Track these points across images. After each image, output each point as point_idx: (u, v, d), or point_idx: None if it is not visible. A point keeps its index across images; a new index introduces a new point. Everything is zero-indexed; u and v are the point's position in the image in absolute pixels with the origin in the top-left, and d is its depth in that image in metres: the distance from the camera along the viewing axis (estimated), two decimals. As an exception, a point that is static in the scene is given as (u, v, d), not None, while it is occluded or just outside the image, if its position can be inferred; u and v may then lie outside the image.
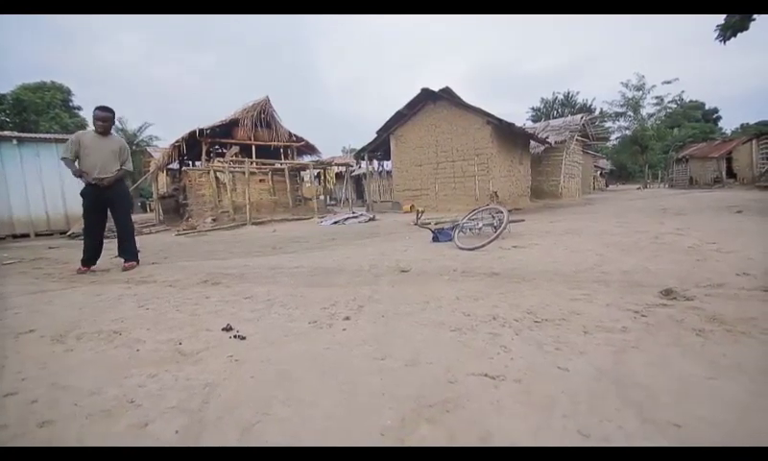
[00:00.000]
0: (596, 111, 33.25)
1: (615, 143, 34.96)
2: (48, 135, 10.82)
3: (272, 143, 14.90)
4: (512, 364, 1.39)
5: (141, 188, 23.05)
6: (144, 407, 1.21)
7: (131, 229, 4.04)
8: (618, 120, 32.09)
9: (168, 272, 3.65)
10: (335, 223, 9.64)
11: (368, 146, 14.71)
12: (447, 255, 3.81)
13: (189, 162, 16.46)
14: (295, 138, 15.64)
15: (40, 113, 25.55)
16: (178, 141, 13.25)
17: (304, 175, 16.30)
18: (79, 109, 30.60)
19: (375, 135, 14.02)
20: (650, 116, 31.84)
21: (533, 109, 43.85)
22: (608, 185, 35.83)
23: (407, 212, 12.08)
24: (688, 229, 4.65)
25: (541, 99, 43.82)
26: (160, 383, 1.36)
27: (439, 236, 4.84)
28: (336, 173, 24.42)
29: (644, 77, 29.97)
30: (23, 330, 2.01)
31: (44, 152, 9.36)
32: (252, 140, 14.32)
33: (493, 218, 4.83)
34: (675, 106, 32.84)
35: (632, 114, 31.45)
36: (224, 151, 14.71)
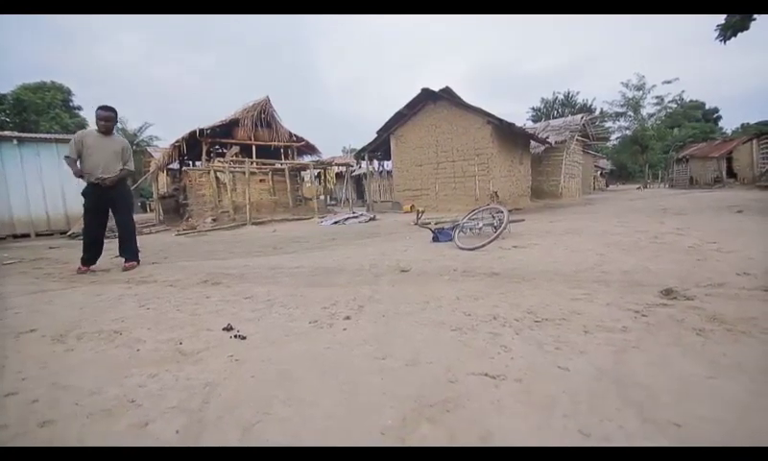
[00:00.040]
0: (596, 111, 33.26)
1: (616, 143, 34.95)
2: (48, 135, 10.84)
3: (272, 143, 14.90)
4: (512, 364, 1.39)
5: (141, 188, 23.09)
6: (144, 407, 1.21)
7: (132, 228, 4.04)
8: (618, 120, 32.09)
9: (168, 272, 3.65)
10: (335, 223, 9.64)
11: (368, 146, 14.71)
12: (448, 255, 3.81)
13: (189, 162, 16.46)
14: (295, 138, 15.64)
15: (41, 113, 25.56)
16: (178, 141, 13.26)
17: (305, 175, 16.30)
18: (79, 109, 30.65)
19: (375, 135, 14.02)
20: (650, 116, 31.84)
21: (533, 108, 43.88)
22: (608, 185, 35.81)
23: (407, 212, 12.08)
24: (689, 228, 4.65)
25: (542, 99, 43.85)
26: (161, 383, 1.37)
27: (439, 236, 4.84)
28: (336, 173, 24.42)
29: (644, 77, 29.97)
30: (24, 330, 2.01)
31: (44, 152, 9.37)
32: (253, 140, 14.33)
33: (494, 218, 4.83)
34: (675, 106, 32.83)
35: (632, 114, 31.44)
36: (224, 151, 14.71)
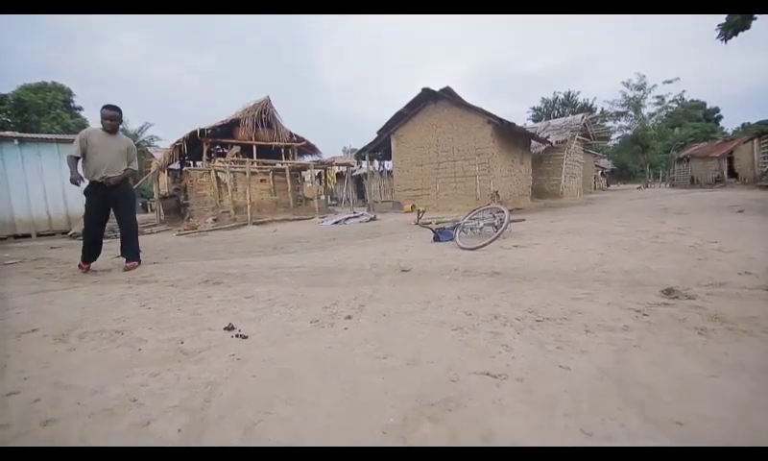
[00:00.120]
0: (597, 111, 33.20)
1: (616, 143, 34.88)
2: (49, 136, 10.85)
3: (273, 143, 14.90)
4: (513, 363, 1.39)
5: (142, 188, 23.08)
6: (146, 406, 1.21)
7: (134, 228, 4.03)
8: (619, 120, 31.99)
9: (169, 272, 3.65)
10: (336, 223, 9.64)
11: (368, 146, 14.72)
12: (448, 255, 3.81)
13: (190, 162, 16.47)
14: (296, 138, 15.64)
15: (42, 114, 25.58)
16: (179, 141, 13.26)
17: (305, 175, 16.32)
18: (80, 109, 30.64)
19: (376, 135, 14.02)
20: (651, 116, 31.74)
21: (533, 108, 43.79)
22: (609, 185, 35.76)
23: (408, 212, 12.08)
24: (690, 228, 4.64)
25: (542, 99, 43.78)
26: (162, 382, 1.37)
27: (440, 236, 4.83)
28: (337, 173, 24.43)
29: (645, 76, 29.88)
30: (25, 330, 2.01)
31: (45, 152, 9.38)
32: (253, 140, 14.33)
33: (494, 218, 4.83)
34: (676, 105, 32.66)
35: (633, 114, 31.35)
36: (225, 151, 14.72)
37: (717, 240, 3.64)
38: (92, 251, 3.84)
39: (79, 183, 3.71)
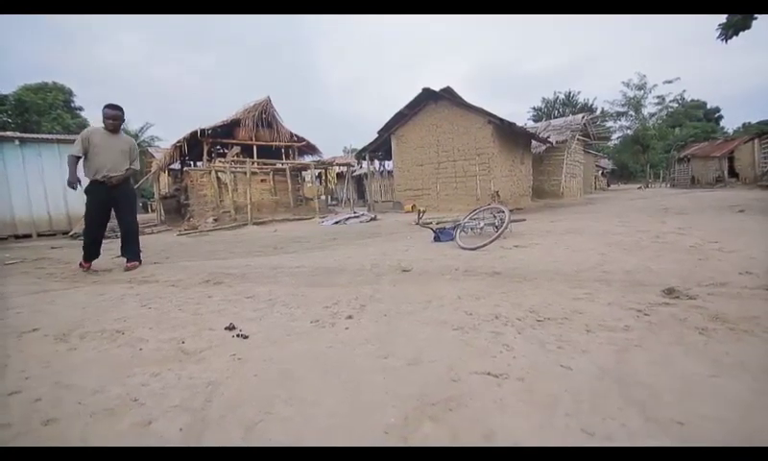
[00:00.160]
0: (597, 111, 33.19)
1: (617, 143, 34.86)
2: (50, 136, 10.86)
3: (273, 143, 14.91)
4: (514, 363, 1.39)
5: (143, 189, 23.10)
6: (147, 406, 1.21)
7: (135, 229, 4.03)
8: (620, 119, 31.98)
9: (170, 272, 3.65)
10: (336, 223, 9.64)
11: (369, 146, 14.72)
12: (449, 255, 3.81)
13: (191, 163, 16.48)
14: (296, 138, 15.64)
15: (42, 114, 25.59)
16: (179, 141, 13.27)
17: (306, 175, 16.32)
18: (80, 109, 30.64)
19: (376, 135, 14.02)
20: (651, 116, 31.72)
21: (534, 108, 43.80)
22: (609, 185, 35.75)
23: (408, 212, 12.08)
24: (690, 228, 4.64)
25: (543, 99, 43.80)
26: (163, 382, 1.37)
27: (440, 236, 4.83)
28: (337, 173, 24.43)
29: (646, 76, 29.88)
30: (26, 330, 2.02)
31: (46, 152, 9.39)
32: (254, 140, 14.33)
33: (495, 218, 4.83)
34: (676, 105, 32.64)
35: (633, 114, 31.34)
36: (225, 151, 14.73)
37: (718, 240, 3.64)
38: (93, 250, 3.84)
39: (75, 187, 3.69)
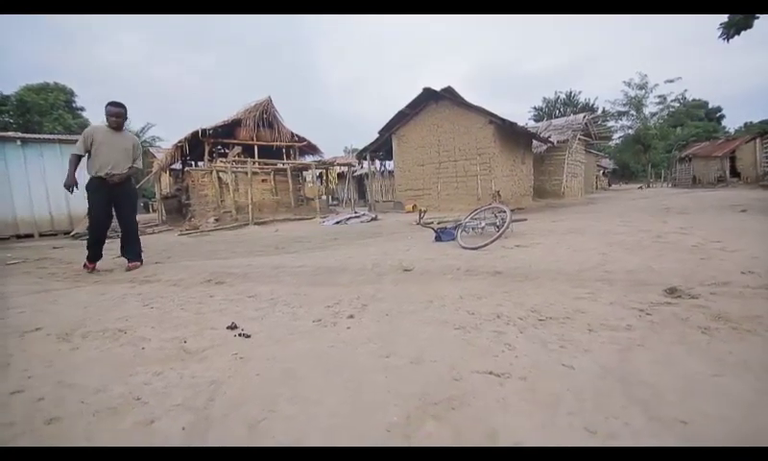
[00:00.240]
0: (599, 111, 33.16)
1: (618, 142, 34.84)
2: (52, 136, 10.88)
3: (274, 143, 14.91)
4: (516, 362, 1.39)
5: (144, 189, 23.14)
6: (150, 405, 1.21)
7: (135, 228, 4.03)
8: (621, 119, 31.99)
9: (172, 271, 3.66)
10: (337, 223, 9.65)
11: (370, 146, 14.72)
12: (450, 255, 3.81)
13: (192, 163, 16.50)
14: (297, 138, 15.64)
15: (44, 114, 25.63)
16: (180, 141, 13.28)
17: (307, 175, 16.32)
18: (82, 109, 30.66)
19: (376, 135, 14.02)
20: (653, 115, 31.71)
21: (535, 108, 43.75)
22: (611, 185, 35.69)
23: (409, 212, 12.08)
24: (692, 227, 4.63)
25: (544, 98, 43.74)
26: (166, 381, 1.37)
27: (441, 236, 4.83)
28: (338, 173, 24.44)
29: (647, 76, 29.86)
30: (29, 329, 2.02)
31: (48, 152, 9.41)
32: (255, 140, 14.33)
33: (496, 217, 4.82)
34: (678, 105, 32.60)
35: (634, 113, 31.33)
36: (226, 151, 14.74)
37: (720, 239, 3.63)
38: (97, 250, 3.83)
39: (72, 190, 3.69)
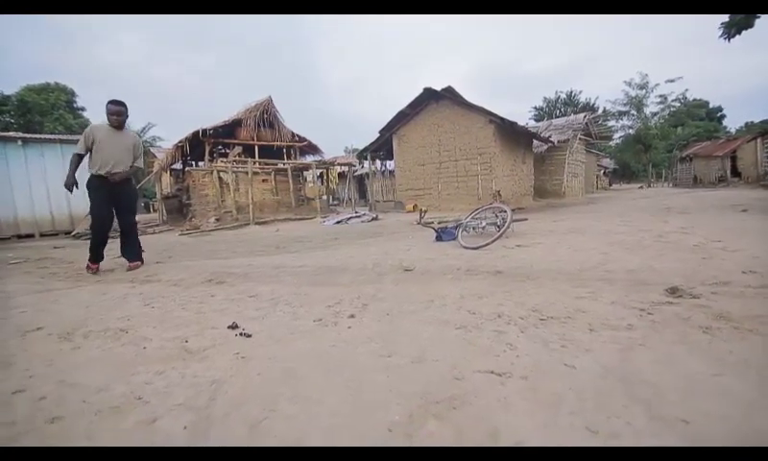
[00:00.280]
0: (599, 110, 33.14)
1: (619, 142, 34.81)
2: (53, 136, 10.88)
3: (275, 143, 14.91)
4: (518, 361, 1.39)
5: (145, 188, 23.16)
6: (152, 404, 1.22)
7: (135, 229, 4.02)
8: (621, 119, 31.99)
9: (172, 271, 3.66)
10: (338, 222, 9.65)
11: (370, 146, 14.72)
12: (451, 254, 3.80)
13: (192, 163, 16.51)
14: (297, 138, 15.64)
15: (45, 114, 25.68)
16: (181, 142, 13.29)
17: (307, 175, 16.31)
18: (83, 109, 30.70)
19: (377, 135, 14.02)
20: (653, 115, 31.70)
21: (535, 108, 43.74)
22: (611, 184, 35.66)
23: (410, 212, 12.08)
24: (693, 227, 4.63)
25: (544, 98, 43.72)
26: (167, 380, 1.37)
27: (442, 235, 4.83)
28: (339, 173, 24.43)
29: (648, 76, 29.84)
30: (30, 329, 2.02)
31: (49, 152, 9.42)
32: (255, 140, 14.33)
33: (497, 217, 4.82)
34: (678, 104, 32.60)
35: (635, 113, 31.32)
36: (227, 151, 14.74)
37: (721, 239, 3.63)
38: (101, 251, 3.80)
39: (72, 190, 3.67)
